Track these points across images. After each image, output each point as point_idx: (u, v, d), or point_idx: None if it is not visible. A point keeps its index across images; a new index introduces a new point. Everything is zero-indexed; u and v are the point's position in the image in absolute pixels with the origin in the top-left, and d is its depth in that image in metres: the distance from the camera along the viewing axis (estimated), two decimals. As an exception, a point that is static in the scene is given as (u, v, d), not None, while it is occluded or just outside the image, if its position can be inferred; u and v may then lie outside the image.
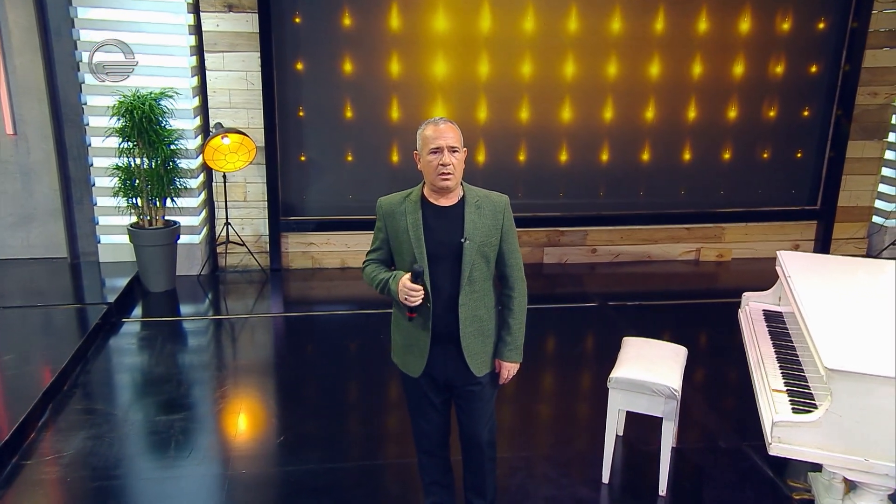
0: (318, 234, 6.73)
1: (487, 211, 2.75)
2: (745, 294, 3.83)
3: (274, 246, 6.66)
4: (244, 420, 4.31)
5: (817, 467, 3.34)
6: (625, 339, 3.84)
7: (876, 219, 7.26)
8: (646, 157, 6.90)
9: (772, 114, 6.90)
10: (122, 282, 6.00)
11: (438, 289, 2.72)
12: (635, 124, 6.80)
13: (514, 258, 2.82)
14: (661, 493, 3.52)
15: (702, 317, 5.88)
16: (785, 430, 2.62)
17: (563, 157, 6.82)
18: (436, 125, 2.68)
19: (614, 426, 3.54)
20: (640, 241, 7.08)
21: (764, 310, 3.74)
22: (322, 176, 6.64)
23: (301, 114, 6.47)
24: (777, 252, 3.77)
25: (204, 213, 6.63)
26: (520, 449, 3.94)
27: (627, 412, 3.86)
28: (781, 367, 3.10)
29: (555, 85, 6.61)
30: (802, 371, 3.05)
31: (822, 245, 7.16)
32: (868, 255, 7.13)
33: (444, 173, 2.64)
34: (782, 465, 3.74)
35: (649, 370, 3.46)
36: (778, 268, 3.67)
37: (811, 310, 3.03)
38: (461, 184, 2.78)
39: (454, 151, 2.65)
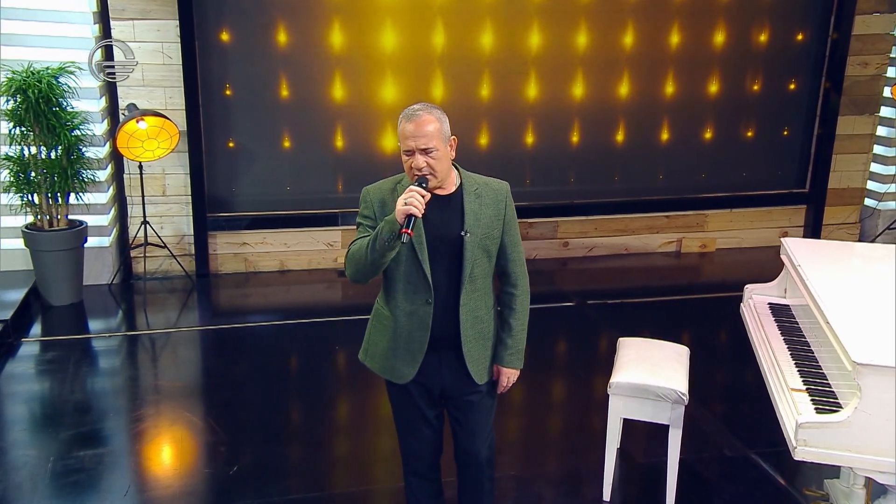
0: (252, 232, 6.65)
1: (488, 200, 2.78)
2: (747, 286, 3.97)
3: (200, 248, 6.55)
4: (176, 452, 4.24)
5: (834, 474, 3.50)
6: (621, 339, 3.94)
7: (868, 201, 7.62)
8: (620, 137, 7.06)
9: (755, 87, 7.16)
10: (18, 295, 5.84)
11: (436, 288, 2.73)
12: (608, 101, 6.95)
13: (516, 252, 2.86)
14: (667, 509, 3.63)
15: (690, 314, 6.05)
16: (811, 432, 2.73)
17: (530, 139, 6.91)
18: (410, 120, 2.63)
19: (615, 437, 3.63)
20: (616, 233, 7.25)
21: (770, 303, 3.89)
22: (255, 165, 6.55)
23: (228, 92, 6.37)
24: (782, 239, 3.93)
25: (115, 211, 6.49)
26: (509, 467, 3.98)
27: (624, 421, 3.95)
28: (797, 365, 3.23)
29: (519, 58, 6.69)
30: (820, 368, 3.19)
31: (813, 231, 7.47)
32: (861, 241, 7.47)
33: (418, 175, 2.64)
34: (794, 472, 3.90)
35: (653, 373, 3.56)
36: (784, 256, 3.82)
37: (830, 301, 3.17)
38: (457, 169, 2.79)
39: (429, 153, 2.63)
